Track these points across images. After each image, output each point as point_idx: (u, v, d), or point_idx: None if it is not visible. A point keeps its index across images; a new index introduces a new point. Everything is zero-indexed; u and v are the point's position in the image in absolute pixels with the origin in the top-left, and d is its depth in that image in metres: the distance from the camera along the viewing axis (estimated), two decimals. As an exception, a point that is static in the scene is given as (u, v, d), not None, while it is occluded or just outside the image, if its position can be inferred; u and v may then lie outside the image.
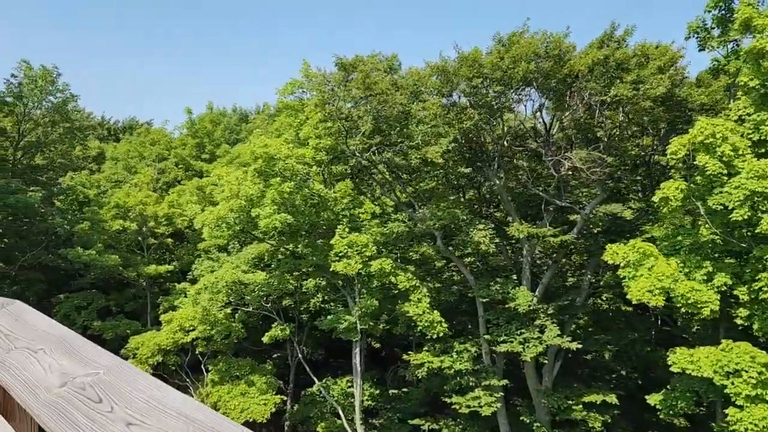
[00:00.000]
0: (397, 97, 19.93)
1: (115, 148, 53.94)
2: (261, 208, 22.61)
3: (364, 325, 24.58)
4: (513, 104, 21.54)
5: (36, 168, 36.10)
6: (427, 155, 20.00)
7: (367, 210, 25.86)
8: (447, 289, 25.73)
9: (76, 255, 30.75)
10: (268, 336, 26.94)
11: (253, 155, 23.12)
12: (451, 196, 26.88)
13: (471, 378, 24.06)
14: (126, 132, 73.80)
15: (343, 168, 26.46)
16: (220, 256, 32.60)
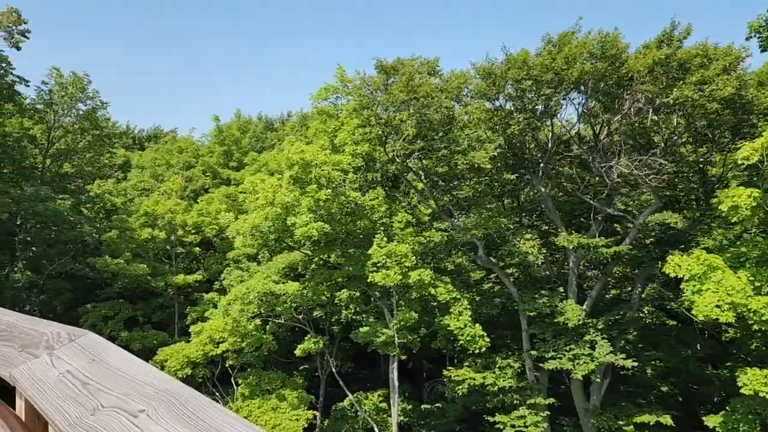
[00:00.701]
0: (442, 100, 19.00)
1: (141, 156, 53.74)
2: (297, 216, 21.81)
3: (402, 338, 23.58)
4: (561, 108, 20.45)
5: (65, 176, 35.74)
6: (475, 160, 19.01)
7: (401, 219, 24.97)
8: (489, 301, 24.59)
9: (104, 264, 30.19)
10: (301, 349, 26.03)
11: (288, 162, 22.33)
12: (490, 204, 25.84)
13: (515, 396, 22.90)
14: (150, 140, 74.00)
15: (373, 175, 25.60)
16: (250, 266, 31.82)
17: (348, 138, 24.01)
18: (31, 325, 2.99)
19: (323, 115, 26.19)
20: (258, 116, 61.89)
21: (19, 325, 3.29)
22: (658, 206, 21.14)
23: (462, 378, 23.24)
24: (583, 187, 21.72)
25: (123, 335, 31.39)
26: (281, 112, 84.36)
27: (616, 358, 20.56)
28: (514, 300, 23.80)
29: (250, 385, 28.00)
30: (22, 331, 3.09)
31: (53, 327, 2.96)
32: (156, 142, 69.99)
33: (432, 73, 20.29)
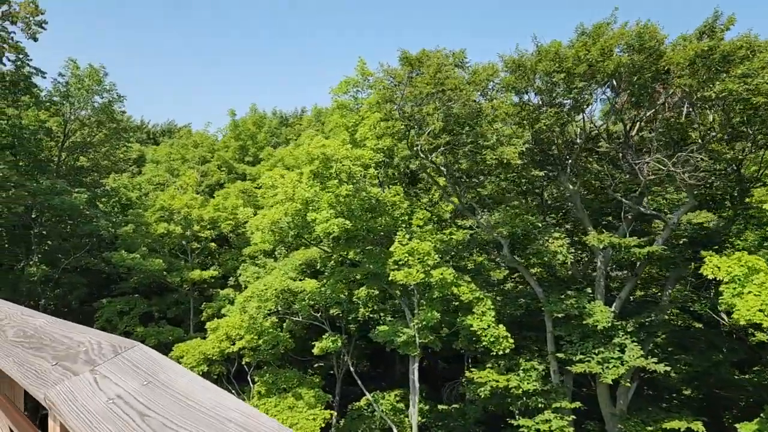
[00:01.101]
0: (469, 93, 18.32)
1: (155, 151, 53.44)
2: (317, 212, 21.24)
3: (423, 338, 22.96)
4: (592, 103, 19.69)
5: (81, 169, 35.42)
6: (504, 156, 18.30)
7: (421, 217, 24.35)
8: (512, 302, 23.90)
9: (120, 259, 29.82)
10: (319, 347, 25.49)
11: (308, 156, 21.73)
12: (514, 201, 25.13)
13: (540, 399, 22.22)
14: (164, 135, 73.85)
15: (393, 171, 24.99)
16: (267, 262, 31.31)
17: (368, 132, 23.39)
18: (63, 331, 2.50)
19: (343, 108, 25.57)
20: (272, 111, 61.38)
21: (49, 331, 2.60)
22: (693, 205, 20.33)
23: (485, 380, 22.58)
24: (615, 185, 20.93)
25: (138, 330, 31.06)
26: (295, 108, 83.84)
27: (648, 362, 19.81)
28: (539, 300, 23.12)
29: (267, 383, 27.52)
30: (54, 338, 2.43)
31: (90, 334, 2.32)
32: (170, 136, 69.82)
33: (459, 65, 19.61)
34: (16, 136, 31.40)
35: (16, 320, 3.08)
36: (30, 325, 3.00)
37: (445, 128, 19.19)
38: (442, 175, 23.85)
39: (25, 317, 3.25)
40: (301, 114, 73.56)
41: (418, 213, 23.87)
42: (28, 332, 2.66)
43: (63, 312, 34.97)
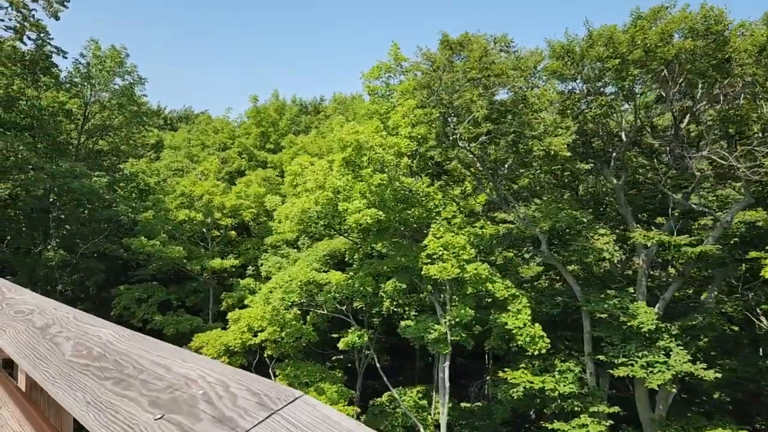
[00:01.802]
0: (517, 79, 17.26)
1: (173, 136, 52.69)
2: (349, 201, 20.32)
3: (455, 336, 22.02)
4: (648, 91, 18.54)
5: (100, 153, 34.68)
6: (552, 147, 17.25)
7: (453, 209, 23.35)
8: (548, 300, 22.90)
9: (140, 245, 29.10)
10: (344, 342, 24.59)
11: (341, 143, 20.75)
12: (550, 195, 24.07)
13: (576, 402, 21.25)
14: (181, 121, 73.15)
15: (426, 161, 24.01)
16: (290, 252, 30.47)
17: (402, 120, 22.37)
18: (148, 353, 1.71)
19: (374, 94, 24.59)
20: (292, 99, 60.38)
21: (126, 351, 1.78)
22: (749, 202, 19.19)
23: (518, 381, 21.62)
24: (664, 180, 19.82)
25: (157, 319, 30.38)
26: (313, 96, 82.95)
27: (696, 368, 18.77)
28: (576, 299, 22.13)
29: (288, 377, 26.74)
30: (140, 367, 1.61)
31: (197, 364, 1.54)
32: (187, 122, 69.12)
33: (504, 50, 18.53)
34: (35, 118, 30.70)
35: (72, 329, 2.13)
36: (94, 338, 2.04)
37: (488, 116, 18.14)
38: (477, 166, 22.84)
39: (82, 324, 2.21)
40: (320, 102, 72.61)
41: (450, 205, 22.87)
42: (95, 351, 1.88)
43: (80, 298, 34.42)
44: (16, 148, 27.83)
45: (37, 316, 2.32)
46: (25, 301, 2.62)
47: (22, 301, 2.62)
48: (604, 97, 17.81)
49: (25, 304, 2.54)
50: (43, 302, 2.53)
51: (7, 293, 2.88)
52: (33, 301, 2.58)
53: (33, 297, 2.70)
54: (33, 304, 2.51)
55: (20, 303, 2.59)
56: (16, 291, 2.93)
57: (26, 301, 2.62)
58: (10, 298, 2.71)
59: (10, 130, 29.81)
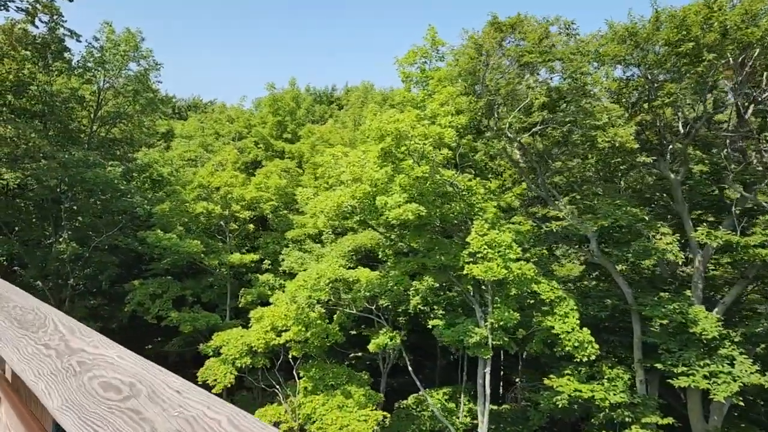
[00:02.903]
0: (580, 64, 15.76)
1: (183, 125, 51.31)
2: (387, 195, 18.89)
3: (497, 340, 20.65)
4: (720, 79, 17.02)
5: (114, 141, 33.24)
6: (617, 138, 15.79)
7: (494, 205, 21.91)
8: (595, 302, 21.48)
9: (156, 239, 27.74)
10: (375, 344, 23.27)
11: (378, 132, 19.28)
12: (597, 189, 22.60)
13: (626, 412, 19.88)
14: (190, 110, 71.75)
15: (447, 153, 22.50)
16: (314, 247, 29.06)
17: (440, 109, 20.87)
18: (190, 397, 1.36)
19: (410, 81, 23.10)
20: (306, 88, 58.79)
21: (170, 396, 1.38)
22: (826, 201, 17.76)
23: (565, 389, 20.25)
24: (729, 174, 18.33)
25: (173, 315, 29.01)
26: (326, 86, 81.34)
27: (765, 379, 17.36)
28: (625, 301, 20.74)
29: (313, 379, 25.42)
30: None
31: None
32: (195, 111, 67.74)
33: (566, 32, 17.01)
34: (47, 104, 29.29)
35: (95, 359, 1.80)
36: (124, 370, 1.65)
37: (545, 104, 16.67)
38: (518, 159, 21.39)
39: (103, 354, 1.86)
40: (332, 91, 71.14)
41: (491, 201, 21.42)
42: (124, 389, 1.49)
43: (92, 293, 33.11)
44: (27, 135, 26.44)
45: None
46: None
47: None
48: (674, 85, 16.25)
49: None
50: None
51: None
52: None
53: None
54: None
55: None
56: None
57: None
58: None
59: (21, 116, 28.43)
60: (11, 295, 3.14)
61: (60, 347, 2.01)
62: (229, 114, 43.58)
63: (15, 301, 2.96)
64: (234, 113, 43.19)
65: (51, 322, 2.35)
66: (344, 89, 73.44)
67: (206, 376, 25.95)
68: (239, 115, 42.40)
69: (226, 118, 42.90)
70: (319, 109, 54.43)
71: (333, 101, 68.10)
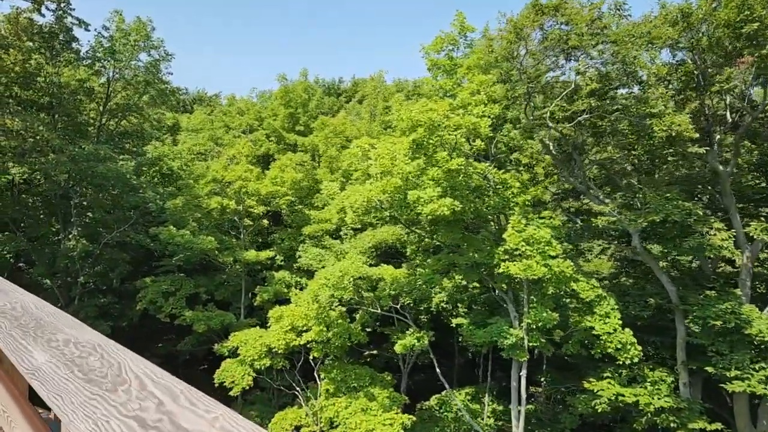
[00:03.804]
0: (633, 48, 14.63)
1: (189, 119, 50.19)
2: (421, 189, 17.81)
3: (534, 341, 19.61)
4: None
5: (124, 134, 32.17)
6: (675, 126, 14.68)
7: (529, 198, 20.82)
8: (635, 301, 20.42)
9: (169, 235, 26.74)
10: (402, 345, 22.26)
11: (410, 122, 18.19)
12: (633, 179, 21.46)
13: (670, 417, 18.84)
14: (195, 103, 70.69)
15: (479, 145, 21.41)
16: (334, 244, 27.99)
17: (471, 98, 19.72)
18: None
19: (437, 69, 21.98)
20: (315, 80, 57.57)
21: None
22: None
23: (607, 393, 19.20)
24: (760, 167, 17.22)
25: (187, 314, 28.00)
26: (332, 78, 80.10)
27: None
28: (669, 300, 19.68)
29: (335, 381, 24.43)
30: None
31: None
32: (201, 105, 66.69)
33: (618, 13, 15.86)
34: (54, 96, 28.22)
35: None
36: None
37: (593, 91, 15.55)
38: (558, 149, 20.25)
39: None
40: (338, 83, 70.01)
41: (526, 195, 20.32)
42: None
43: (102, 291, 32.10)
44: (35, 129, 25.37)
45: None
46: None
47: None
48: (734, 70, 15.11)
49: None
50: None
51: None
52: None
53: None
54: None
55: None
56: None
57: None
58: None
59: (28, 109, 27.36)
60: (58, 322, 2.32)
61: (163, 426, 1.29)
62: (239, 106, 42.44)
63: (66, 333, 2.16)
64: (244, 105, 42.06)
65: (129, 372, 1.66)
66: (351, 81, 72.34)
67: (223, 377, 24.96)
68: (249, 108, 41.28)
69: (236, 111, 41.78)
70: (328, 102, 53.29)
71: (341, 93, 66.98)
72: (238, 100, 45.32)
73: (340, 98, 62.73)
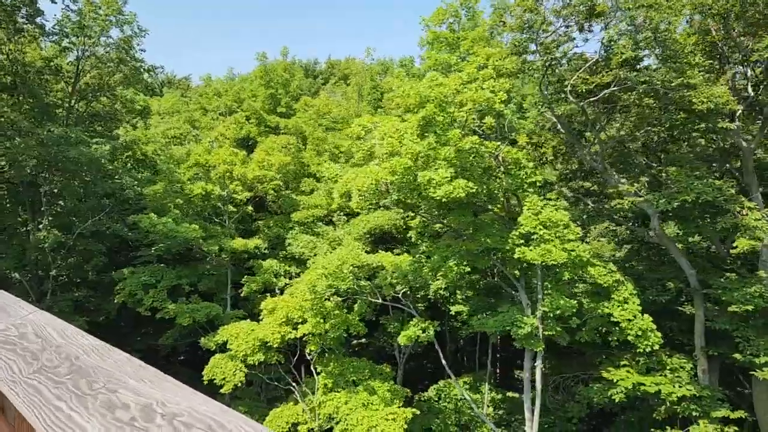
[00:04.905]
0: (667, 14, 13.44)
1: (160, 102, 47.86)
2: (432, 170, 16.48)
3: (549, 330, 18.56)
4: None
5: (96, 116, 30.02)
6: (714, 98, 13.60)
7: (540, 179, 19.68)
8: (653, 285, 19.52)
9: (150, 223, 24.95)
10: (405, 336, 21.02)
11: (418, 97, 16.81)
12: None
13: (692, 405, 18.04)
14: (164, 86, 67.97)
15: (490, 122, 20.19)
16: (326, 230, 26.53)
17: (477, 73, 18.37)
18: None
19: (439, 42, 20.62)
20: (293, 60, 55.50)
21: None
22: None
23: (626, 383, 18.28)
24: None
25: (170, 307, 26.30)
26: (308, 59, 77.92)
27: None
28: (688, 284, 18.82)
29: (333, 375, 23.16)
30: None
31: None
32: (170, 87, 64.09)
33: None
34: (18, 75, 25.98)
35: None
36: None
37: (626, 60, 14.35)
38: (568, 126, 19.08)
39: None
40: (314, 64, 68.10)
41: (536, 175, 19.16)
42: None
43: (77, 284, 30.13)
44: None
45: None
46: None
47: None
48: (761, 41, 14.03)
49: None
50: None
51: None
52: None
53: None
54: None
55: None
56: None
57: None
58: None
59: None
60: (108, 365, 1.37)
61: None
62: (215, 87, 40.39)
63: (140, 391, 1.23)
64: (221, 86, 40.01)
65: None
66: (327, 62, 70.57)
67: (213, 374, 23.48)
68: (228, 89, 39.26)
69: (212, 92, 39.74)
70: (306, 83, 51.45)
71: (317, 75, 65.19)
72: (215, 81, 43.21)
73: (318, 80, 60.95)
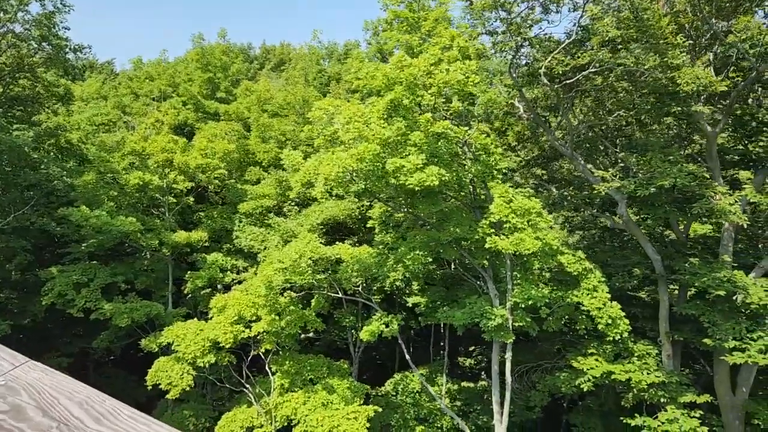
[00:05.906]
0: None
1: (83, 87, 44.54)
2: (402, 157, 15.50)
3: (519, 321, 18.05)
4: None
5: (15, 100, 27.17)
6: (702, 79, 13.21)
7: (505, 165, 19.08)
8: (619, 271, 19.36)
9: (82, 216, 22.80)
10: (368, 331, 20.02)
11: (386, 80, 15.75)
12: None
13: (659, 392, 18.01)
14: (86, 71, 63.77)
15: (456, 106, 19.47)
16: (277, 221, 25.08)
17: (442, 54, 17.47)
18: None
19: (401, 24, 19.59)
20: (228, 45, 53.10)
21: None
22: None
23: (596, 371, 18.02)
24: None
25: (105, 307, 24.23)
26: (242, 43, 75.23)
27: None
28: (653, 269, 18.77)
29: (288, 374, 21.95)
30: None
31: None
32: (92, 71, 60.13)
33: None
34: None
35: None
36: None
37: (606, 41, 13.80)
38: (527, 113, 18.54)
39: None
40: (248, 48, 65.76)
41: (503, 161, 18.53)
42: None
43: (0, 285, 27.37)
44: None
45: None
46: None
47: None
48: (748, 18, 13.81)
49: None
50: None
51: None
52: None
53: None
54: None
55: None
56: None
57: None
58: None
59: None
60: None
61: None
62: (147, 71, 37.75)
63: None
64: (154, 70, 37.43)
65: None
66: (261, 47, 68.46)
67: (158, 378, 21.74)
68: (161, 72, 36.74)
69: (144, 76, 37.12)
70: (245, 67, 49.27)
71: (252, 60, 63.00)
72: (146, 64, 40.45)
73: (253, 64, 58.77)
